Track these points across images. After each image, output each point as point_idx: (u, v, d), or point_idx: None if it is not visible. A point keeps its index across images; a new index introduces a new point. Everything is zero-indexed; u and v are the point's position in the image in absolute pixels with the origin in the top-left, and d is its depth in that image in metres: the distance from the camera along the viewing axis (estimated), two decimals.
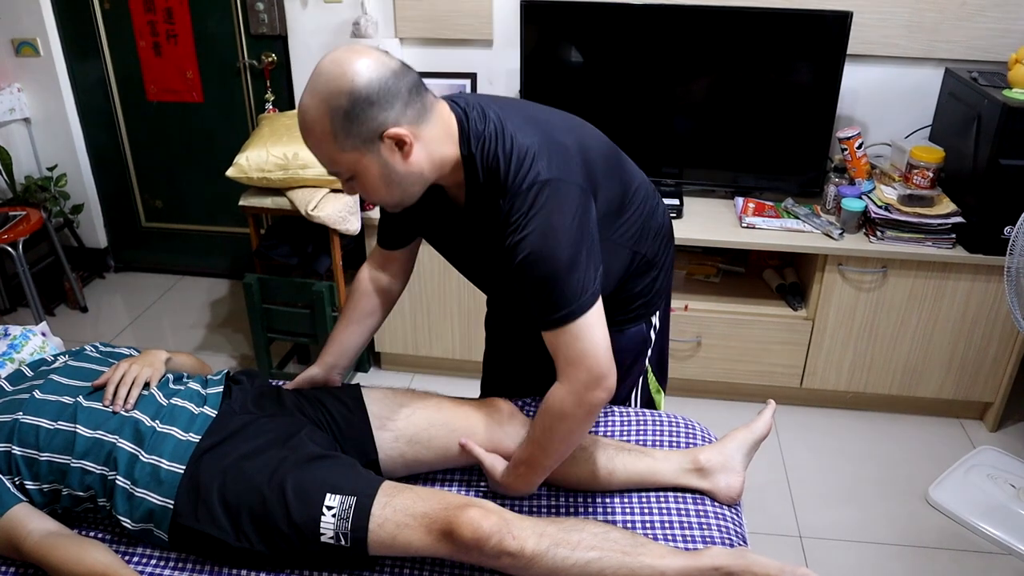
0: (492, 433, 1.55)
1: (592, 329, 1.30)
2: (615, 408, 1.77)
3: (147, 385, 1.52)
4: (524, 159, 1.31)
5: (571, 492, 1.56)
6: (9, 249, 3.09)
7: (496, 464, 1.52)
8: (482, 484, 1.58)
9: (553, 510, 1.53)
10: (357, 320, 1.69)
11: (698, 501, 1.55)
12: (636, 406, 1.82)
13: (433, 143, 1.32)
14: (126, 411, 1.46)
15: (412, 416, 1.56)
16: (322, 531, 1.32)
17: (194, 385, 1.56)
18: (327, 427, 1.54)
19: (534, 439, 1.42)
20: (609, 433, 1.70)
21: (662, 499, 1.55)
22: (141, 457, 1.40)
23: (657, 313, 1.71)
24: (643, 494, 1.56)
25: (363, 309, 1.69)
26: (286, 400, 1.58)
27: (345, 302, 1.72)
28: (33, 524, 1.37)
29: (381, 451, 1.53)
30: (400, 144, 1.27)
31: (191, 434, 1.45)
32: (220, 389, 1.56)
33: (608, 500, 1.55)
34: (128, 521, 1.39)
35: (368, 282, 1.70)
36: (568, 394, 1.33)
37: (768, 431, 1.66)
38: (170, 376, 1.59)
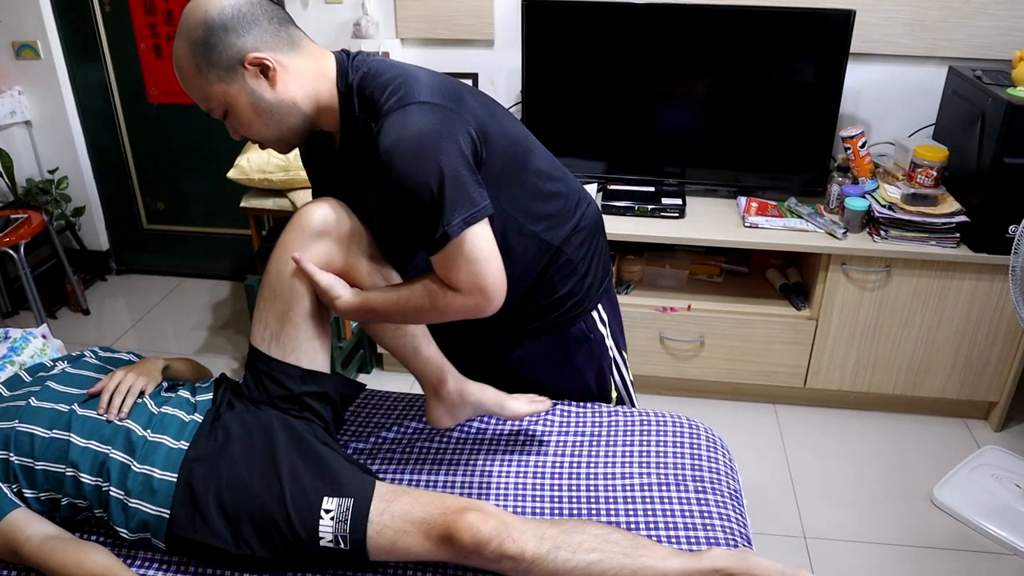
0: (328, 249, 1.43)
1: (478, 244, 1.26)
2: (619, 409, 1.76)
3: (142, 394, 1.50)
4: (403, 86, 1.28)
5: (573, 492, 1.56)
6: (11, 252, 3.09)
7: (334, 285, 1.41)
8: (483, 487, 1.57)
9: (556, 511, 1.52)
10: None
11: (702, 502, 1.54)
12: (625, 392, 1.84)
13: (303, 74, 1.32)
14: (119, 420, 1.45)
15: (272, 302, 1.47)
16: (321, 535, 1.31)
17: (184, 392, 1.55)
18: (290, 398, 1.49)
19: (396, 302, 1.37)
20: (612, 433, 1.69)
21: (666, 500, 1.54)
22: (133, 467, 1.39)
23: (599, 305, 1.69)
24: (647, 495, 1.55)
25: None
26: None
27: None
28: (32, 528, 1.37)
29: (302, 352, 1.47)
30: (264, 70, 1.28)
31: (182, 442, 1.43)
32: (209, 396, 1.54)
33: (612, 500, 1.54)
34: (125, 531, 1.38)
35: None
36: (460, 305, 1.30)
37: (511, 418, 1.58)
38: (163, 384, 1.58)
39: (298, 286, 1.44)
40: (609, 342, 1.74)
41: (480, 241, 1.27)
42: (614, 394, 1.82)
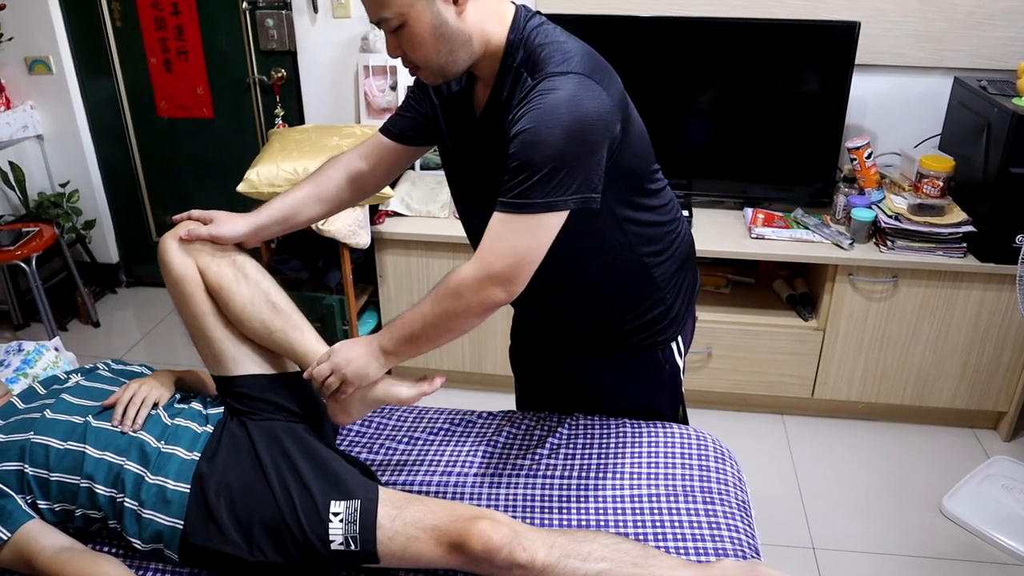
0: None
1: (537, 233, 1.25)
2: (627, 421, 1.76)
3: (155, 406, 1.52)
4: (568, 56, 1.28)
5: (582, 504, 1.56)
6: (22, 265, 3.11)
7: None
8: (492, 496, 1.58)
9: (565, 522, 1.52)
10: (318, 185, 1.60)
11: (710, 513, 1.54)
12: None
13: (485, 10, 1.30)
14: (134, 431, 1.46)
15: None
16: (331, 537, 1.33)
17: (196, 405, 1.57)
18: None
19: (423, 310, 1.33)
20: (620, 445, 1.69)
21: (674, 511, 1.54)
22: (147, 478, 1.40)
23: (679, 337, 1.66)
24: (655, 506, 1.55)
25: (329, 178, 1.60)
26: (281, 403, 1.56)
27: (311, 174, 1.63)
28: (46, 540, 1.38)
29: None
30: None
31: (195, 453, 1.45)
32: (221, 408, 1.56)
33: (620, 511, 1.54)
34: (138, 542, 1.40)
35: (344, 163, 1.62)
36: (473, 277, 1.27)
37: (403, 401, 1.47)
38: (176, 396, 1.60)
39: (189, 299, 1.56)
40: (683, 375, 1.72)
41: (538, 232, 1.25)
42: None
